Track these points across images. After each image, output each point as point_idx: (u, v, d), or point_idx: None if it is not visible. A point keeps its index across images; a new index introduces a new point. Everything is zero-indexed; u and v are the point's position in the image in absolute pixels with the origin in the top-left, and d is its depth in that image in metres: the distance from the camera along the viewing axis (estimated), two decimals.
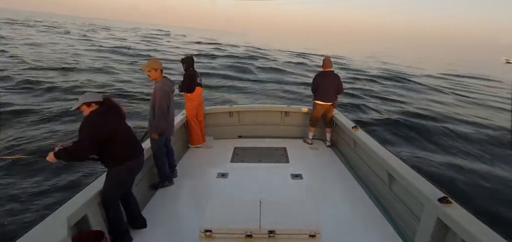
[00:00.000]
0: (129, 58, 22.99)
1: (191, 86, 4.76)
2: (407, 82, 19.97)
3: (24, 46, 23.65)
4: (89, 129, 2.36)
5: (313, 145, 5.16)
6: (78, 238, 2.30)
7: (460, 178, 5.85)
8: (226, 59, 26.04)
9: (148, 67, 3.43)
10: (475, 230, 2.04)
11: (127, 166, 2.55)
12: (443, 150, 7.65)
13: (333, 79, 4.94)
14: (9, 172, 5.59)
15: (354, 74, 22.22)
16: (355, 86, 16.62)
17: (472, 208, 2.28)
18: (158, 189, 3.58)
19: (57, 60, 18.50)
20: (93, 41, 34.65)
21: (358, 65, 30.02)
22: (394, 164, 3.16)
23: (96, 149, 2.40)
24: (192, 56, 4.89)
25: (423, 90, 17.91)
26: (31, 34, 35.04)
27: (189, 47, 36.95)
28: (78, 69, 16.50)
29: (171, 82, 3.60)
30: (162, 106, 3.41)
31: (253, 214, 2.10)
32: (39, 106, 9.32)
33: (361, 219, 3.09)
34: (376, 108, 11.85)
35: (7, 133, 7.43)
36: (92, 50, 26.12)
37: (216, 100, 11.73)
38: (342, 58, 37.55)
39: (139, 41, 41.41)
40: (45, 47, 24.60)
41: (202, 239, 2.01)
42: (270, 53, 35.32)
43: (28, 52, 20.75)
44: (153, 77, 3.48)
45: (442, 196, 2.42)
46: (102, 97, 2.54)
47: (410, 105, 12.95)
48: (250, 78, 17.76)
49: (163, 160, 3.62)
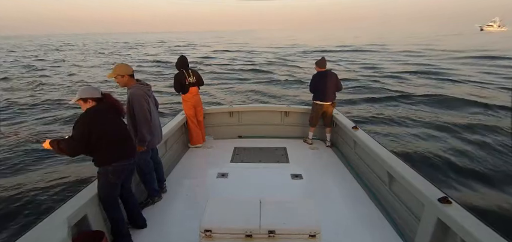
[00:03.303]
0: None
1: (180, 87, 4.75)
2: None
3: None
4: (80, 127, 2.34)
5: (313, 145, 5.16)
6: (78, 238, 2.30)
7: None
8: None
9: (113, 74, 3.02)
10: (475, 230, 2.03)
11: (114, 167, 2.48)
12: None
13: (331, 79, 4.95)
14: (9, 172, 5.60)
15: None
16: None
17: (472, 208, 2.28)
18: (148, 206, 3.23)
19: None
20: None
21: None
22: (394, 164, 3.16)
23: (86, 147, 2.37)
24: (184, 56, 4.83)
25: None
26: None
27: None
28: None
29: (146, 85, 3.16)
30: (141, 112, 2.99)
31: (253, 214, 2.10)
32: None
33: (361, 219, 3.08)
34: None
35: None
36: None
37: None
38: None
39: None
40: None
41: (202, 239, 2.01)
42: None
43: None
44: (122, 84, 3.05)
45: (442, 196, 2.42)
46: (100, 93, 2.49)
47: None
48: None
49: (152, 175, 3.29)
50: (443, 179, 5.56)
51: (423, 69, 18.94)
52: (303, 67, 21.22)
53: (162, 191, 3.50)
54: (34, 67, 24.81)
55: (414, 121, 9.08)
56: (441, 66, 20.28)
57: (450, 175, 5.77)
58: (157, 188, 3.38)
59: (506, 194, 5.08)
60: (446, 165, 6.12)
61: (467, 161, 6.28)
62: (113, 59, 31.46)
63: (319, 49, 38.26)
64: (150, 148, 3.26)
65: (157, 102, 3.44)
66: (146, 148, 3.14)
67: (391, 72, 18.58)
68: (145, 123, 3.03)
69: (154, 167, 3.35)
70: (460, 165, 6.08)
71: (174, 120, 4.85)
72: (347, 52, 33.84)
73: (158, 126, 3.37)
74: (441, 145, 7.08)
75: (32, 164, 5.98)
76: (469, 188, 5.35)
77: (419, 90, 13.02)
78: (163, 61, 26.87)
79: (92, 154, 2.46)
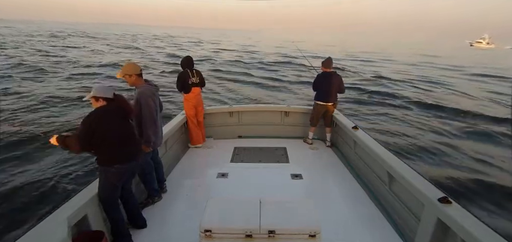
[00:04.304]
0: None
1: (183, 86, 4.76)
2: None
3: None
4: (86, 126, 2.37)
5: (313, 145, 5.16)
6: (78, 238, 2.30)
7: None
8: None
9: (122, 73, 3.05)
10: (475, 230, 2.03)
11: (115, 169, 2.49)
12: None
13: (335, 80, 4.94)
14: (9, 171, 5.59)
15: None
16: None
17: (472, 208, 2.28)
18: (148, 206, 3.23)
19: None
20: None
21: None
22: (394, 164, 3.16)
23: (90, 146, 2.40)
24: (189, 56, 4.88)
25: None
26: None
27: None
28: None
29: (154, 86, 3.19)
30: (148, 113, 3.01)
31: (253, 214, 2.10)
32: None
33: (361, 219, 3.08)
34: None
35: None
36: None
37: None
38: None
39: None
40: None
41: (202, 239, 2.01)
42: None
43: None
44: (130, 83, 3.08)
45: (442, 196, 2.42)
46: (112, 94, 2.50)
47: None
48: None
49: (152, 175, 3.30)
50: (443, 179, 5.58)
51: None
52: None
53: (162, 191, 3.50)
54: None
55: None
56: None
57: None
58: (157, 189, 3.38)
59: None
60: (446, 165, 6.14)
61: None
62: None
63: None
64: (154, 149, 3.29)
65: (162, 105, 3.46)
66: (152, 148, 3.17)
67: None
68: (152, 123, 3.06)
69: (154, 167, 3.36)
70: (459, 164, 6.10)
71: (174, 120, 4.85)
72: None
73: (160, 128, 3.39)
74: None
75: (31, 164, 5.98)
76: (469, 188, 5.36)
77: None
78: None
79: (95, 153, 2.49)
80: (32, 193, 4.94)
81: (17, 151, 6.32)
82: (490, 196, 5.19)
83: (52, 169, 5.78)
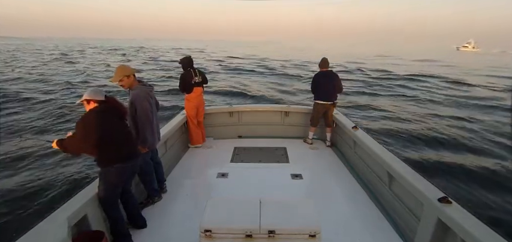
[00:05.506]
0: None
1: (186, 86, 4.76)
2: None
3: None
4: (82, 127, 2.39)
5: (313, 145, 5.16)
6: (78, 238, 2.30)
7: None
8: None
9: (118, 76, 2.97)
10: (475, 230, 2.03)
11: (116, 168, 2.50)
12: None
13: (333, 79, 4.96)
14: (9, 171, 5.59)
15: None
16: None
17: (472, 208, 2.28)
18: (148, 206, 3.23)
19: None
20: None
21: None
22: (394, 164, 3.16)
23: (87, 147, 2.42)
24: (189, 57, 4.89)
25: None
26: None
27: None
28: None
29: (149, 87, 3.17)
30: (143, 114, 2.99)
31: (253, 214, 2.10)
32: None
33: (361, 219, 3.08)
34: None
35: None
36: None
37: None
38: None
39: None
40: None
41: (202, 239, 2.01)
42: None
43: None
44: (127, 85, 3.02)
45: (442, 196, 2.42)
46: (103, 96, 2.52)
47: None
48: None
49: (152, 175, 3.30)
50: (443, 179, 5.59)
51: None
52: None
53: (162, 191, 3.49)
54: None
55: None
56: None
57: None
58: (157, 189, 3.38)
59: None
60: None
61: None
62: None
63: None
64: (151, 149, 3.27)
65: (158, 104, 3.45)
66: (148, 149, 3.15)
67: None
68: (148, 124, 3.05)
69: (154, 167, 3.36)
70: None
71: (174, 120, 4.85)
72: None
73: (158, 128, 3.38)
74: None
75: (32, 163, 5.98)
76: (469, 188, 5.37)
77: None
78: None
79: (93, 154, 2.49)
80: (32, 193, 4.94)
81: (17, 152, 6.33)
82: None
83: (52, 169, 5.79)
